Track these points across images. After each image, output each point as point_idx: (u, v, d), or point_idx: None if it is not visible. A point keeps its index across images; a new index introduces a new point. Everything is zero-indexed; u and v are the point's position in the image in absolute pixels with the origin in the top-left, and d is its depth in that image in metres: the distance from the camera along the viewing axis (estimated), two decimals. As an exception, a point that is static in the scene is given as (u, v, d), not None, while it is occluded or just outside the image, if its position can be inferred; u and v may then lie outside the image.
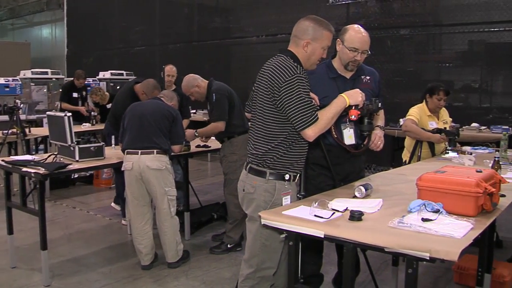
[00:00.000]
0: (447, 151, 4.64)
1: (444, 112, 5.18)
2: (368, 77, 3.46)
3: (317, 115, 2.72)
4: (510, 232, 5.45)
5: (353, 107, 2.88)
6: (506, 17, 7.73)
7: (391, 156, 7.07)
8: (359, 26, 3.37)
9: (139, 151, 4.35)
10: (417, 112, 4.98)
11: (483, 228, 2.40)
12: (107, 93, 8.43)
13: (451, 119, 5.20)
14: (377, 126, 3.35)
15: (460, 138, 5.01)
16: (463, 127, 7.08)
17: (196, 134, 5.09)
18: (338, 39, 3.37)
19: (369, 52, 3.37)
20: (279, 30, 9.47)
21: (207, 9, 12.56)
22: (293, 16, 3.04)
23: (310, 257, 3.66)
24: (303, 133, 2.74)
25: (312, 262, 3.68)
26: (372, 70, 3.60)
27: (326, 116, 2.77)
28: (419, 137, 4.81)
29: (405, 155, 5.11)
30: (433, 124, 4.96)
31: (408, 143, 5.09)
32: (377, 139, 3.27)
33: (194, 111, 9.64)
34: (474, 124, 7.22)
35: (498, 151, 3.88)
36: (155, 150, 4.36)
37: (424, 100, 5.11)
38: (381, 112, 3.43)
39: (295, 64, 2.78)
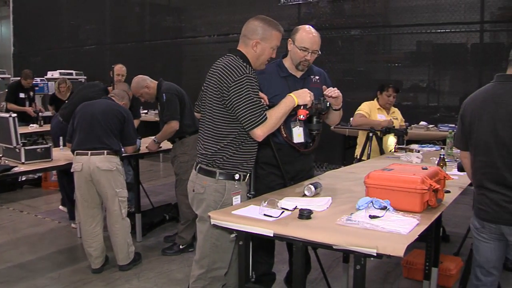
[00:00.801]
0: (395, 149, 4.75)
1: (396, 110, 5.44)
2: (317, 77, 3.50)
3: (265, 114, 2.72)
4: (457, 227, 5.61)
5: (302, 107, 2.89)
6: (452, 19, 7.96)
7: (342, 154, 7.17)
8: (310, 26, 3.40)
9: (89, 152, 4.26)
10: (366, 106, 5.26)
11: (428, 224, 2.45)
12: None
13: (403, 119, 5.40)
14: None
15: (408, 137, 5.15)
16: (412, 125, 7.25)
17: (156, 141, 5.03)
18: (289, 39, 3.40)
19: (319, 52, 3.40)
20: (231, 30, 9.43)
21: (158, 8, 12.42)
22: (244, 16, 3.05)
23: (261, 256, 3.67)
24: (252, 133, 2.73)
25: (264, 261, 3.68)
26: (320, 70, 3.63)
27: (275, 116, 2.77)
28: (371, 125, 4.98)
29: (358, 151, 5.26)
30: (382, 117, 5.20)
31: (361, 139, 5.23)
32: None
33: (145, 111, 9.53)
34: (422, 123, 7.40)
35: (443, 148, 3.97)
36: (105, 151, 4.28)
37: (376, 97, 5.38)
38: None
39: (244, 64, 2.77)
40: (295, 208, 2.61)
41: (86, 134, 4.30)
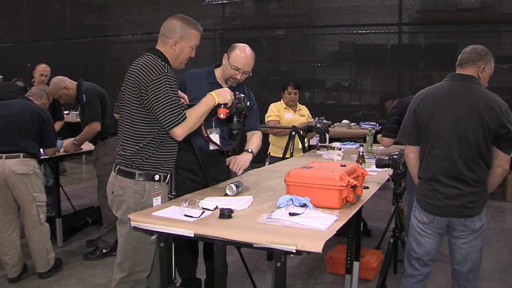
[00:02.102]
0: (317, 148, 4.84)
1: (303, 108, 5.53)
2: (242, 95, 3.51)
3: (185, 113, 2.69)
4: (378, 221, 5.79)
5: (222, 106, 2.89)
6: (372, 21, 8.24)
7: (266, 153, 7.22)
8: (247, 46, 3.45)
9: (3, 155, 4.06)
10: (275, 108, 5.41)
11: (346, 219, 2.50)
12: None
13: (311, 116, 5.51)
14: (247, 150, 3.40)
15: (331, 134, 5.26)
16: (335, 124, 7.43)
17: (76, 143, 4.86)
18: (225, 54, 3.46)
19: (250, 74, 3.49)
20: (155, 29, 9.07)
21: (80, 5, 12.03)
22: (168, 15, 3.01)
23: (185, 259, 3.65)
24: (172, 132, 2.70)
25: (187, 264, 3.67)
26: (250, 94, 3.65)
27: (195, 115, 2.75)
28: (284, 133, 5.13)
29: (272, 150, 5.40)
30: (289, 115, 5.33)
31: (272, 138, 5.38)
32: (237, 162, 3.27)
33: (67, 112, 9.21)
34: (344, 121, 7.60)
35: (362, 146, 4.09)
36: (21, 154, 4.09)
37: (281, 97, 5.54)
38: (258, 138, 3.54)
39: (163, 63, 2.73)
40: (216, 207, 2.60)
41: (1, 137, 4.10)
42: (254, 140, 3.51)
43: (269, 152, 5.41)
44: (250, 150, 3.38)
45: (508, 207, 6.88)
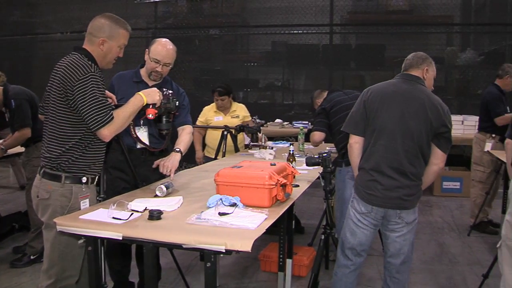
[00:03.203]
0: (249, 147, 4.87)
1: (239, 108, 5.46)
2: (170, 92, 3.49)
3: (112, 114, 2.64)
4: (311, 219, 5.88)
5: (151, 106, 2.86)
6: (304, 21, 8.37)
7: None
8: (167, 40, 3.46)
9: None
10: (205, 111, 5.44)
11: (276, 218, 2.52)
12: None
13: (248, 114, 5.46)
14: (175, 150, 3.37)
15: (264, 133, 5.29)
16: (268, 123, 7.50)
17: (3, 148, 4.65)
18: (147, 49, 3.44)
19: (171, 66, 3.46)
20: (85, 27, 8.84)
21: (6, 0, 11.53)
22: (100, 13, 2.94)
23: (117, 262, 3.59)
24: (99, 133, 2.64)
25: (119, 267, 3.63)
26: (180, 91, 3.64)
27: (122, 115, 2.71)
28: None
29: (206, 151, 5.42)
30: (219, 119, 5.32)
31: (207, 140, 5.39)
32: (166, 165, 3.23)
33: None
34: (277, 120, 7.69)
35: (292, 144, 4.14)
36: None
37: None
38: (187, 135, 3.51)
39: (89, 63, 2.67)
40: (145, 209, 2.56)
41: None
42: (182, 138, 3.48)
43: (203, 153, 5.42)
44: (178, 150, 3.35)
45: (435, 202, 7.17)
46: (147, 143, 3.37)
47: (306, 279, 4.21)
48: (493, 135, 5.50)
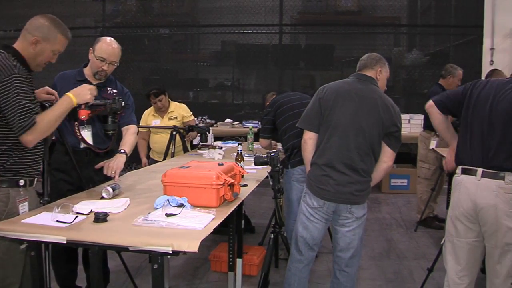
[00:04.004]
0: (199, 147, 4.85)
1: (177, 108, 5.33)
2: (115, 91, 3.45)
3: (34, 118, 2.50)
4: (262, 218, 5.89)
5: (83, 106, 2.77)
6: (254, 21, 8.39)
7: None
8: (112, 39, 3.43)
9: None
10: (142, 118, 5.34)
11: (223, 218, 2.52)
12: None
13: (190, 114, 5.35)
14: (119, 151, 3.29)
15: (214, 133, 5.28)
16: (218, 123, 7.49)
17: None
18: (90, 48, 3.38)
19: (118, 64, 3.42)
20: (30, 26, 8.75)
21: None
22: (46, 10, 2.86)
23: (63, 267, 3.52)
24: (22, 139, 2.50)
25: (65, 272, 3.55)
26: (125, 90, 3.60)
27: (47, 119, 2.58)
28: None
29: (152, 154, 5.37)
30: (156, 122, 5.24)
31: (152, 143, 5.33)
32: (110, 166, 3.14)
33: None
34: (227, 120, 7.69)
35: (241, 144, 4.15)
36: None
37: None
38: (131, 135, 3.46)
39: (14, 63, 2.51)
40: (91, 211, 2.51)
41: None
42: (127, 139, 3.42)
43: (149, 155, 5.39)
44: (122, 151, 3.27)
45: (383, 198, 7.32)
46: (92, 143, 3.30)
47: (257, 278, 4.21)
48: (437, 133, 5.65)
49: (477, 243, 2.92)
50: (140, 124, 5.25)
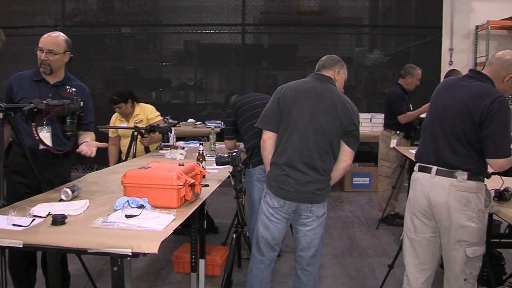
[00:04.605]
0: (160, 147, 4.81)
1: (143, 111, 5.16)
2: (74, 89, 3.40)
3: None
4: (225, 218, 5.90)
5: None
6: (216, 21, 8.37)
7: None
8: (59, 32, 3.44)
9: None
10: (111, 123, 5.21)
11: (184, 218, 2.52)
12: None
13: (156, 115, 5.19)
14: (85, 142, 3.28)
15: (177, 133, 5.24)
16: (180, 123, 7.45)
17: None
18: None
19: (59, 54, 3.33)
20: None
21: None
22: (4, 9, 2.78)
23: (21, 271, 3.45)
24: None
25: (24, 277, 3.47)
26: (83, 86, 3.55)
27: None
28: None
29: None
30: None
31: (122, 146, 5.19)
32: (85, 147, 3.16)
33: None
34: (190, 120, 7.67)
35: (202, 144, 4.14)
36: None
37: None
38: (88, 137, 3.42)
39: None
40: (49, 214, 2.47)
41: None
42: (86, 137, 3.39)
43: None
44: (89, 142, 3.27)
45: (346, 197, 7.42)
46: (50, 144, 3.24)
47: (220, 278, 4.20)
48: (398, 132, 5.76)
49: (434, 239, 2.98)
50: (110, 130, 5.18)
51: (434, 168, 2.87)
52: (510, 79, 2.81)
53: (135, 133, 4.71)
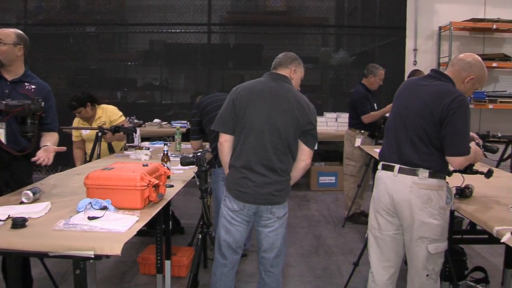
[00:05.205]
0: (125, 148, 4.76)
1: (105, 113, 5.04)
2: (33, 87, 3.31)
3: None
4: (191, 218, 5.87)
5: None
6: (182, 20, 8.33)
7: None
8: (14, 28, 3.35)
9: None
10: (73, 124, 5.08)
11: (148, 219, 2.50)
12: None
13: (119, 115, 5.07)
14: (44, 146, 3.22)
15: (142, 134, 5.19)
16: (146, 123, 7.39)
17: None
18: None
19: (7, 45, 3.22)
20: None
21: None
22: None
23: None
24: None
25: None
26: (43, 84, 3.46)
27: None
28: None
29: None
30: (86, 131, 4.97)
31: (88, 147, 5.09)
32: (38, 155, 3.09)
33: None
34: (156, 120, 7.61)
35: (166, 144, 4.10)
36: None
37: None
38: (53, 139, 3.35)
39: None
40: (8, 217, 2.41)
41: None
42: (47, 139, 3.32)
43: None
44: (49, 147, 3.20)
45: (312, 196, 7.46)
46: (4, 140, 3.14)
47: (186, 279, 4.18)
48: (362, 131, 5.83)
49: (397, 236, 3.03)
50: (75, 133, 5.06)
51: (397, 166, 2.92)
52: (471, 80, 2.89)
53: (99, 134, 4.63)
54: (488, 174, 3.24)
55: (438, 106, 2.78)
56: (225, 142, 3.14)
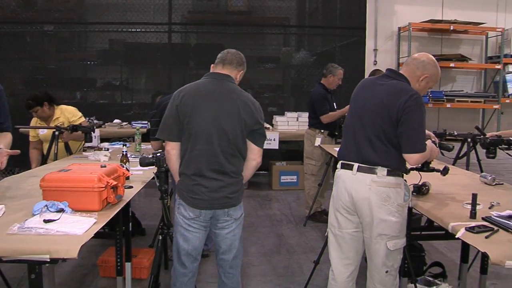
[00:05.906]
0: (84, 149, 4.69)
1: (63, 113, 4.96)
2: None
3: None
4: (152, 220, 5.82)
5: None
6: (142, 19, 8.27)
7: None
8: None
9: None
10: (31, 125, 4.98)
11: (106, 221, 2.47)
12: None
13: (78, 116, 4.99)
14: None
15: (102, 134, 5.11)
16: (106, 123, 7.29)
17: None
18: None
19: None
20: None
21: None
22: None
23: None
24: None
25: None
26: None
27: None
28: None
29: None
30: (43, 132, 4.87)
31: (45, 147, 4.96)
32: None
33: None
34: (116, 120, 7.53)
35: (125, 145, 4.06)
36: None
37: None
38: (6, 140, 3.28)
39: None
40: (-40, 221, 2.36)
41: None
42: (0, 141, 3.24)
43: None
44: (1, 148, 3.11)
45: (274, 195, 7.49)
46: None
47: (147, 281, 4.14)
48: (322, 131, 5.89)
49: (357, 233, 3.08)
50: (32, 134, 4.94)
51: (356, 165, 2.96)
52: (425, 79, 2.95)
53: (56, 133, 4.54)
54: (444, 172, 3.31)
55: (395, 104, 2.83)
56: (172, 150, 3.03)
